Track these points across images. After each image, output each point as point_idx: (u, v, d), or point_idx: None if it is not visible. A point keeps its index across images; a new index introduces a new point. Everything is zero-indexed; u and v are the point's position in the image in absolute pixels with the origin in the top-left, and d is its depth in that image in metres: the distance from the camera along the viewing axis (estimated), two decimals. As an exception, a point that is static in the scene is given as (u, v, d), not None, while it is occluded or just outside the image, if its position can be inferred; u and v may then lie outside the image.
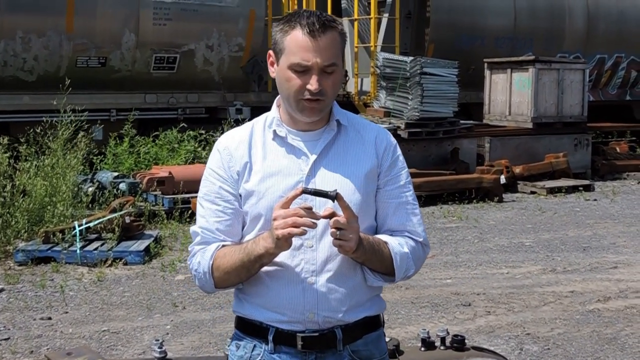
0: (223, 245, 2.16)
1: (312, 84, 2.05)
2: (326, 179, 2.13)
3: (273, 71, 2.15)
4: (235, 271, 2.11)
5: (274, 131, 2.17)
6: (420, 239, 2.21)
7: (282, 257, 2.09)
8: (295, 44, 2.05)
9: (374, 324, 2.22)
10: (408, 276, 2.20)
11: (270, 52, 2.15)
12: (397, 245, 2.15)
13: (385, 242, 2.14)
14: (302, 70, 2.06)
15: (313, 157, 2.13)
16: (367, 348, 2.19)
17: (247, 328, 2.19)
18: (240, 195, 2.16)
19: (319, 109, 2.10)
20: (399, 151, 2.25)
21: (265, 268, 2.11)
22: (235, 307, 2.23)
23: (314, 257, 2.10)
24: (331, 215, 2.01)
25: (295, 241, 2.06)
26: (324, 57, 2.04)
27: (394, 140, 2.25)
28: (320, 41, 2.04)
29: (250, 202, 2.14)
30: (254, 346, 2.17)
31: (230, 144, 2.20)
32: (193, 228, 2.22)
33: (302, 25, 2.04)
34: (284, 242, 1.99)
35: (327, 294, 2.10)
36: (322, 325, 2.12)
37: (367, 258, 2.11)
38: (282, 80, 2.10)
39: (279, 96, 2.20)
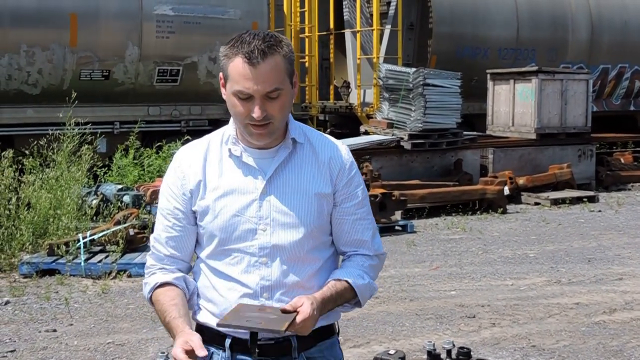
0: (161, 284, 2.22)
1: (255, 112, 2.07)
2: (280, 198, 2.17)
3: (224, 92, 2.17)
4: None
5: (230, 149, 2.21)
6: (374, 253, 2.31)
7: (237, 272, 2.17)
8: (236, 72, 2.07)
9: (328, 332, 2.30)
10: (372, 295, 2.33)
11: (221, 74, 2.17)
12: (358, 277, 2.24)
13: (346, 281, 2.21)
14: (245, 98, 2.08)
15: (267, 176, 2.17)
16: (322, 355, 2.27)
17: (205, 335, 2.24)
18: (196, 212, 2.22)
19: (267, 133, 2.13)
20: (355, 168, 2.29)
21: (220, 280, 2.20)
22: (193, 315, 2.30)
23: (268, 272, 2.17)
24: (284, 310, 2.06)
25: (250, 258, 2.16)
26: (265, 84, 2.06)
27: (349, 158, 2.28)
28: (260, 69, 2.05)
29: (207, 220, 2.20)
30: (212, 353, 2.23)
31: (184, 162, 2.24)
32: (151, 236, 2.33)
33: (243, 54, 2.06)
34: None
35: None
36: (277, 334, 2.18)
37: (331, 309, 2.20)
38: (230, 105, 2.14)
39: None
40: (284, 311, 2.04)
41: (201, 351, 1.99)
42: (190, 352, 1.99)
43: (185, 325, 2.11)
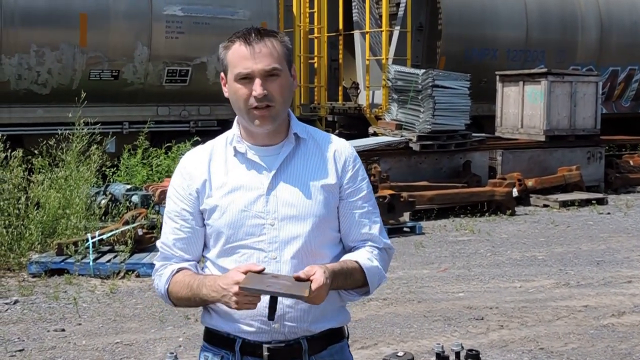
0: (179, 270, 2.24)
1: (256, 89, 2.11)
2: (287, 192, 2.19)
3: (226, 91, 2.21)
4: (186, 302, 2.24)
5: (235, 148, 2.23)
6: (382, 246, 2.30)
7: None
8: (235, 55, 2.15)
9: (338, 335, 2.29)
10: (380, 283, 2.30)
11: (222, 73, 2.22)
12: (367, 260, 2.22)
13: (355, 261, 2.20)
14: (245, 79, 2.13)
15: (273, 172, 2.19)
16: (332, 359, 2.26)
17: (215, 339, 2.25)
18: (204, 212, 2.22)
19: (270, 115, 2.15)
20: (359, 162, 2.32)
21: None
22: (202, 319, 2.30)
23: (278, 268, 2.16)
24: (297, 278, 2.04)
25: (259, 254, 2.15)
26: (263, 62, 2.12)
27: (353, 152, 2.31)
28: (257, 48, 2.12)
29: (214, 217, 2.21)
30: (222, 357, 2.23)
31: (189, 163, 2.27)
32: (158, 241, 2.32)
33: (239, 38, 2.15)
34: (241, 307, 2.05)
35: (292, 304, 2.16)
36: (288, 335, 2.18)
37: (340, 287, 2.18)
38: (232, 94, 2.18)
39: None
40: (297, 279, 2.03)
41: (241, 274, 2.02)
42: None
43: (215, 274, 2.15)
